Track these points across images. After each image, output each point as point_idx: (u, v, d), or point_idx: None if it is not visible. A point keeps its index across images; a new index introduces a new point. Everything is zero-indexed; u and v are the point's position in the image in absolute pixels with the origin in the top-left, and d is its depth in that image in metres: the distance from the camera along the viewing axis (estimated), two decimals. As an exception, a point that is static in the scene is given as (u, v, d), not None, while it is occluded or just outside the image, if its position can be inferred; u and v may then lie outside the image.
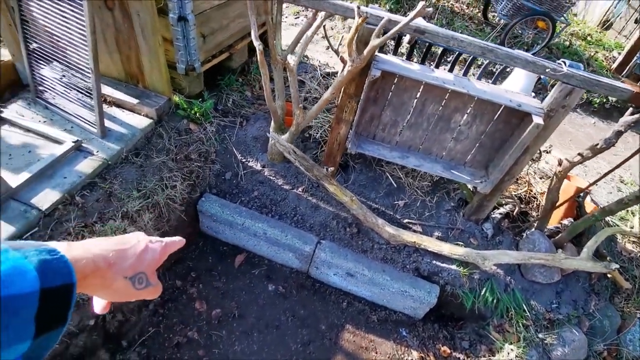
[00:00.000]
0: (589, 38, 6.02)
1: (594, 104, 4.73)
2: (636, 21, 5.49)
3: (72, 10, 1.97)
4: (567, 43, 5.46)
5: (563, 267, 2.38)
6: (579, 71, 1.80)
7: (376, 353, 2.38)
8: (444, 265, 2.44)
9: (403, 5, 5.02)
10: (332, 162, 2.58)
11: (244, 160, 2.70)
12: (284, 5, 5.46)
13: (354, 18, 1.77)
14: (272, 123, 2.50)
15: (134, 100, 2.47)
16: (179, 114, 2.61)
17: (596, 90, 1.83)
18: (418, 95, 2.20)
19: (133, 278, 0.60)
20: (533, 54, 4.61)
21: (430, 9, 1.79)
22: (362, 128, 2.47)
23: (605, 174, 2.26)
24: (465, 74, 2.30)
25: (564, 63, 1.85)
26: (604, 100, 4.71)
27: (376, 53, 2.11)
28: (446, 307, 2.58)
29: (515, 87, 2.44)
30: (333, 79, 3.53)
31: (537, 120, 1.91)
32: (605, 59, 5.48)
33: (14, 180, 1.89)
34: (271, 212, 2.58)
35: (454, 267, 2.43)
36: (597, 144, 2.12)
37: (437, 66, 2.68)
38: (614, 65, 5.17)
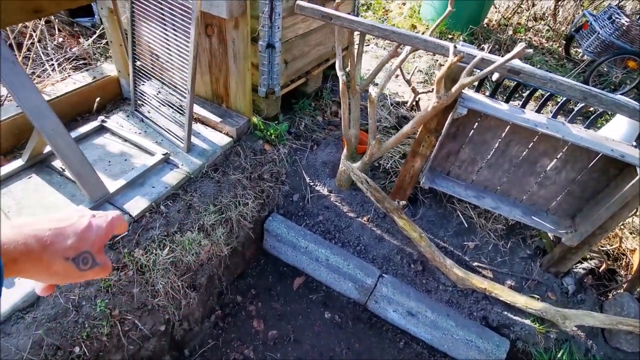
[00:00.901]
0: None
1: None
2: None
3: (178, 36, 2.15)
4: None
5: (660, 339, 2.10)
6: (700, 125, 1.62)
7: (433, 403, 2.23)
8: (516, 318, 2.26)
9: (478, 37, 4.92)
10: (401, 195, 2.53)
11: (312, 184, 2.74)
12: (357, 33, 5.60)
13: (447, 56, 1.75)
14: (345, 150, 2.52)
15: (218, 119, 2.63)
16: (256, 134, 2.73)
17: None
18: (503, 135, 2.11)
19: (76, 259, 0.53)
20: (623, 94, 4.27)
21: (531, 51, 1.72)
22: (437, 163, 2.41)
23: None
24: (554, 116, 2.17)
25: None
26: None
27: (462, 91, 2.07)
28: (514, 364, 2.37)
29: (616, 135, 2.25)
30: (403, 108, 3.52)
31: (644, 174, 1.74)
32: None
33: (112, 185, 2.06)
34: (334, 239, 2.57)
35: (528, 322, 2.24)
36: None
37: (523, 106, 2.57)
38: None
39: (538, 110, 2.48)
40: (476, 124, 2.14)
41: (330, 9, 2.01)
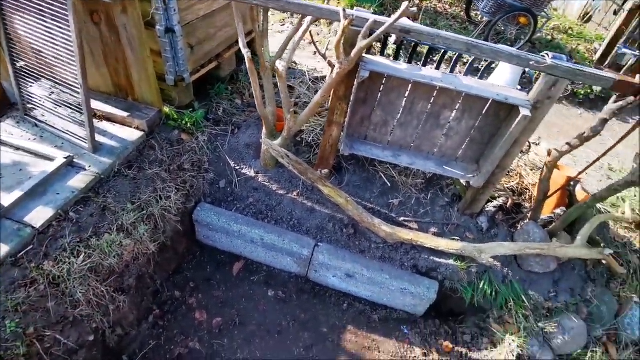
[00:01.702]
0: (570, 31, 6.15)
1: (579, 96, 4.82)
2: (615, 12, 5.63)
3: (58, 26, 1.97)
4: (550, 37, 5.58)
5: (558, 255, 2.41)
6: (562, 62, 1.84)
7: (379, 352, 2.38)
8: (441, 260, 2.46)
9: (387, 8, 5.08)
10: (325, 165, 2.59)
11: (237, 167, 2.70)
12: (270, 13, 5.51)
13: (340, 21, 1.80)
14: (264, 129, 2.51)
15: (124, 114, 2.47)
16: (170, 125, 2.61)
17: (580, 80, 1.88)
18: (407, 94, 2.23)
19: None
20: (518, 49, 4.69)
21: (414, 9, 1.83)
22: (354, 129, 2.50)
23: (594, 161, 2.31)
24: (452, 71, 2.33)
25: (547, 55, 1.89)
26: (589, 91, 4.80)
27: (364, 55, 2.14)
28: (446, 302, 2.59)
29: (501, 82, 2.48)
30: (322, 83, 3.56)
31: (525, 112, 1.95)
32: (587, 51, 5.59)
33: (6, 199, 1.87)
34: (267, 218, 2.58)
35: (451, 262, 2.45)
36: (584, 133, 2.16)
37: (424, 65, 2.73)
38: (596, 57, 5.28)
39: (451, 71, 2.63)
40: (382, 86, 2.24)
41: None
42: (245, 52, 2.16)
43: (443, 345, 2.47)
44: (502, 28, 5.00)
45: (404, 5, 1.72)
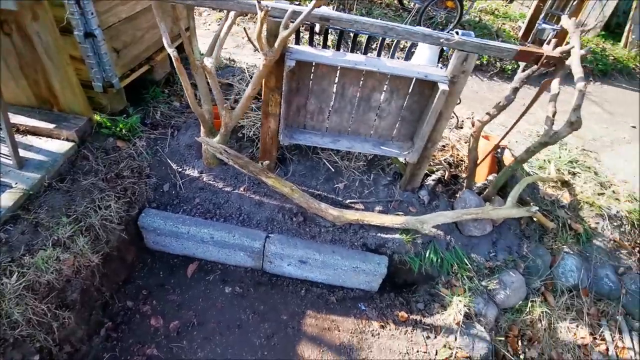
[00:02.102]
0: (496, 12, 6.55)
1: (508, 72, 5.17)
2: None
3: (-39, 38, 1.85)
4: (477, 19, 5.91)
5: (492, 217, 2.61)
6: (470, 38, 1.99)
7: (339, 331, 2.46)
8: (388, 236, 2.58)
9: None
10: (268, 157, 2.62)
11: (180, 169, 2.68)
12: (206, 12, 5.42)
13: (256, 14, 1.83)
14: (202, 128, 2.50)
15: (51, 125, 2.37)
16: (103, 133, 2.54)
17: (487, 52, 2.04)
18: (336, 81, 2.31)
19: None
20: (450, 31, 4.93)
21: (328, -4, 1.89)
22: (292, 119, 2.55)
23: (510, 128, 2.52)
24: (392, 56, 2.43)
25: (457, 33, 2.03)
26: (516, 66, 5.16)
27: (290, 45, 2.20)
28: (398, 275, 2.73)
29: (422, 61, 2.63)
30: (262, 78, 3.58)
31: (443, 87, 2.09)
32: (512, 29, 5.99)
33: None
34: (216, 216, 2.58)
35: (397, 236, 2.58)
36: (500, 102, 2.35)
37: (352, 50, 2.82)
38: (520, 34, 5.67)
39: (392, 56, 2.73)
40: (312, 74, 2.30)
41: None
42: (171, 52, 2.14)
43: (399, 315, 2.61)
44: (433, 13, 5.24)
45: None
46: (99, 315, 2.23)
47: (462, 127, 3.52)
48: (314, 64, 2.22)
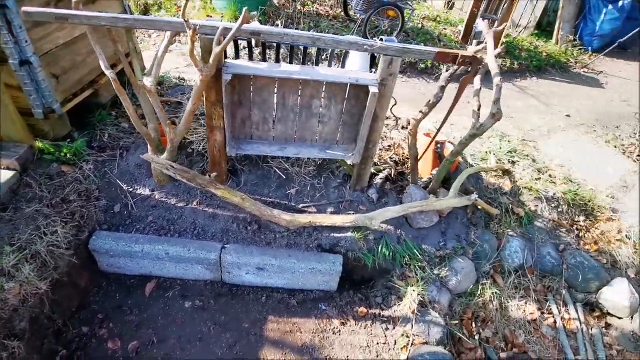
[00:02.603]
0: (438, 19, 6.94)
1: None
2: None
3: None
4: (420, 25, 6.25)
5: (437, 208, 2.77)
6: (392, 44, 2.15)
7: (301, 332, 2.52)
8: (341, 235, 2.69)
9: (270, 16, 5.32)
10: (218, 170, 2.68)
11: (131, 189, 2.68)
12: (156, 34, 5.44)
13: (186, 32, 1.92)
14: (149, 147, 2.53)
15: (-11, 155, 2.33)
16: (46, 159, 2.51)
17: (409, 56, 2.21)
18: (276, 91, 2.42)
19: None
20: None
21: (255, 13, 2.01)
22: (239, 131, 2.63)
23: (442, 124, 2.71)
24: (329, 65, 2.55)
25: (382, 40, 2.20)
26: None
27: (227, 60, 2.29)
28: (355, 272, 2.83)
29: (355, 68, 2.80)
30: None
31: (373, 90, 2.24)
32: (453, 33, 6.36)
33: None
34: (170, 232, 2.60)
35: (349, 234, 2.69)
36: (430, 100, 2.53)
37: (303, 63, 2.94)
38: (460, 38, 6.04)
39: (329, 65, 2.85)
40: (251, 86, 2.40)
41: (65, 10, 1.96)
42: (109, 74, 2.18)
43: (358, 311, 2.70)
44: (378, 23, 5.50)
45: (244, 10, 1.90)
46: (52, 343, 2.18)
47: (407, 127, 3.71)
48: (252, 76, 2.32)
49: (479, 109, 2.53)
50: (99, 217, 2.54)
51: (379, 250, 2.72)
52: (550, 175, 3.76)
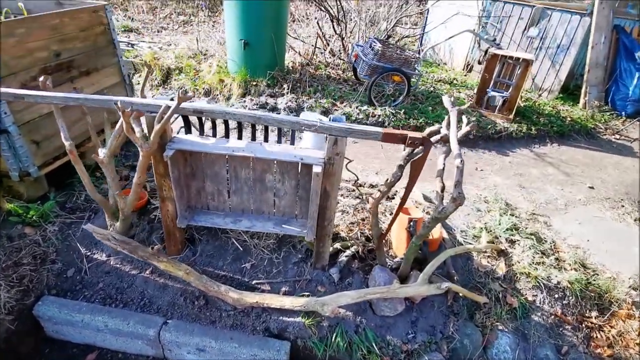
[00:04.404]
0: (455, 82, 6.88)
1: (458, 138, 5.27)
2: (479, 62, 6.41)
3: None
4: (432, 89, 6.20)
5: (399, 296, 2.49)
6: (335, 123, 2.07)
7: None
8: (290, 319, 2.47)
9: (278, 80, 5.54)
10: (173, 239, 2.64)
11: (89, 253, 2.70)
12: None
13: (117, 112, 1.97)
14: (105, 214, 2.57)
15: (-43, 216, 2.47)
16: (11, 221, 2.62)
17: (353, 136, 2.10)
18: (227, 164, 2.40)
19: None
20: (397, 103, 5.15)
21: (190, 94, 2.03)
22: (195, 201, 2.60)
23: (401, 204, 2.49)
24: (265, 139, 2.53)
25: (329, 119, 2.13)
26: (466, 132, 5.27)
27: (176, 135, 2.32)
28: (309, 361, 2.55)
29: (308, 143, 2.73)
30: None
31: (316, 169, 2.14)
32: (467, 96, 6.23)
33: None
34: (116, 302, 2.53)
35: (299, 319, 2.46)
36: (388, 179, 2.37)
37: (265, 138, 2.94)
38: (473, 102, 5.89)
39: (278, 140, 2.83)
40: (203, 159, 2.40)
41: (26, 90, 2.12)
42: (67, 145, 2.29)
43: (305, 410, 2.39)
44: (385, 86, 5.53)
45: (181, 91, 1.93)
46: (-33, 417, 2.11)
47: (392, 199, 3.52)
48: (205, 152, 2.32)
49: (442, 191, 2.33)
50: (49, 281, 2.55)
51: (332, 340, 2.45)
52: (557, 259, 3.32)
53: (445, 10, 7.23)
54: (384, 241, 3.02)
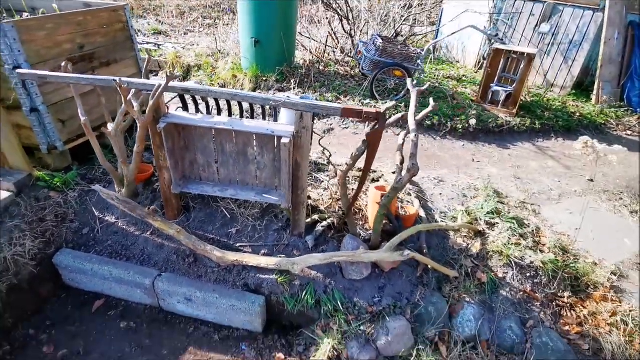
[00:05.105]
0: (464, 78, 6.97)
1: (459, 131, 5.39)
2: (484, 57, 6.46)
3: None
4: (437, 84, 6.34)
5: (364, 260, 2.74)
6: (298, 100, 2.37)
7: (211, 368, 2.59)
8: (265, 277, 2.78)
9: (287, 76, 5.90)
10: (170, 205, 3.03)
11: (101, 216, 3.14)
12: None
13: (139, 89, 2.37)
14: (114, 180, 3.00)
15: (-4, 179, 2.99)
16: (40, 185, 3.11)
17: (317, 111, 2.39)
18: (213, 138, 2.75)
19: None
20: (399, 97, 5.35)
21: (179, 74, 2.40)
22: (189, 171, 2.98)
23: (362, 179, 2.72)
24: (251, 117, 2.86)
25: (296, 96, 2.44)
26: (466, 125, 5.38)
27: (170, 112, 2.71)
28: (283, 317, 2.85)
29: (284, 121, 3.03)
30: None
31: (284, 140, 2.44)
32: (473, 92, 6.31)
33: None
34: (121, 256, 2.95)
35: (273, 277, 2.77)
36: (353, 153, 2.63)
37: (263, 117, 3.29)
38: (478, 97, 5.98)
39: (263, 117, 3.18)
40: (193, 133, 2.77)
41: (49, 72, 2.58)
42: (83, 119, 2.74)
43: (275, 357, 2.69)
44: (387, 81, 5.75)
45: (169, 72, 2.31)
46: (-2, 337, 2.58)
47: (378, 180, 3.75)
48: (192, 126, 2.69)
49: (401, 163, 2.57)
50: (68, 236, 3.01)
51: (302, 297, 2.73)
52: (534, 241, 3.43)
53: (459, 10, 7.33)
54: (360, 216, 3.28)
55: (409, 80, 2.70)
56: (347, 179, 3.68)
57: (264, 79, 5.84)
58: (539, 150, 5.34)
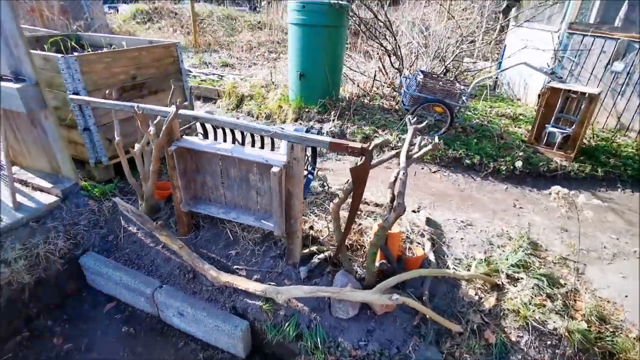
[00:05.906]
0: (520, 117, 6.51)
1: (502, 172, 4.99)
2: (538, 96, 5.94)
3: None
4: (485, 123, 6.00)
5: (349, 299, 2.63)
6: (287, 132, 2.44)
7: (187, 385, 2.65)
8: (252, 302, 2.80)
9: (327, 108, 6.08)
10: (184, 223, 3.26)
11: (126, 226, 3.48)
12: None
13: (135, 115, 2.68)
14: (138, 195, 3.33)
15: (50, 185, 3.50)
16: (82, 193, 3.57)
17: (305, 143, 2.43)
18: (220, 164, 2.94)
19: None
20: (440, 134, 5.21)
21: (186, 104, 2.65)
22: (200, 192, 3.20)
23: (351, 218, 2.64)
24: (261, 146, 2.99)
25: (289, 128, 2.53)
26: (511, 167, 4.97)
27: (184, 137, 2.97)
28: (267, 346, 2.83)
29: (283, 151, 3.08)
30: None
31: (274, 169, 2.52)
32: (527, 132, 5.84)
33: (-64, 236, 2.83)
34: (133, 264, 3.22)
35: (258, 303, 2.78)
36: (344, 186, 2.61)
37: (233, 142, 3.43)
38: (531, 137, 5.51)
39: (261, 146, 3.30)
40: (203, 158, 2.99)
41: (97, 98, 3.02)
42: (117, 139, 3.13)
43: (251, 386, 2.66)
44: (427, 117, 5.60)
45: (179, 101, 2.57)
46: (20, 324, 2.94)
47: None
48: (201, 151, 2.91)
49: (391, 201, 2.49)
50: (95, 241, 3.38)
51: (284, 327, 2.69)
52: (565, 304, 2.98)
53: (521, 45, 6.97)
54: (362, 252, 3.18)
55: (408, 117, 2.63)
56: (359, 212, 3.62)
57: (307, 110, 6.08)
58: (599, 200, 4.69)
